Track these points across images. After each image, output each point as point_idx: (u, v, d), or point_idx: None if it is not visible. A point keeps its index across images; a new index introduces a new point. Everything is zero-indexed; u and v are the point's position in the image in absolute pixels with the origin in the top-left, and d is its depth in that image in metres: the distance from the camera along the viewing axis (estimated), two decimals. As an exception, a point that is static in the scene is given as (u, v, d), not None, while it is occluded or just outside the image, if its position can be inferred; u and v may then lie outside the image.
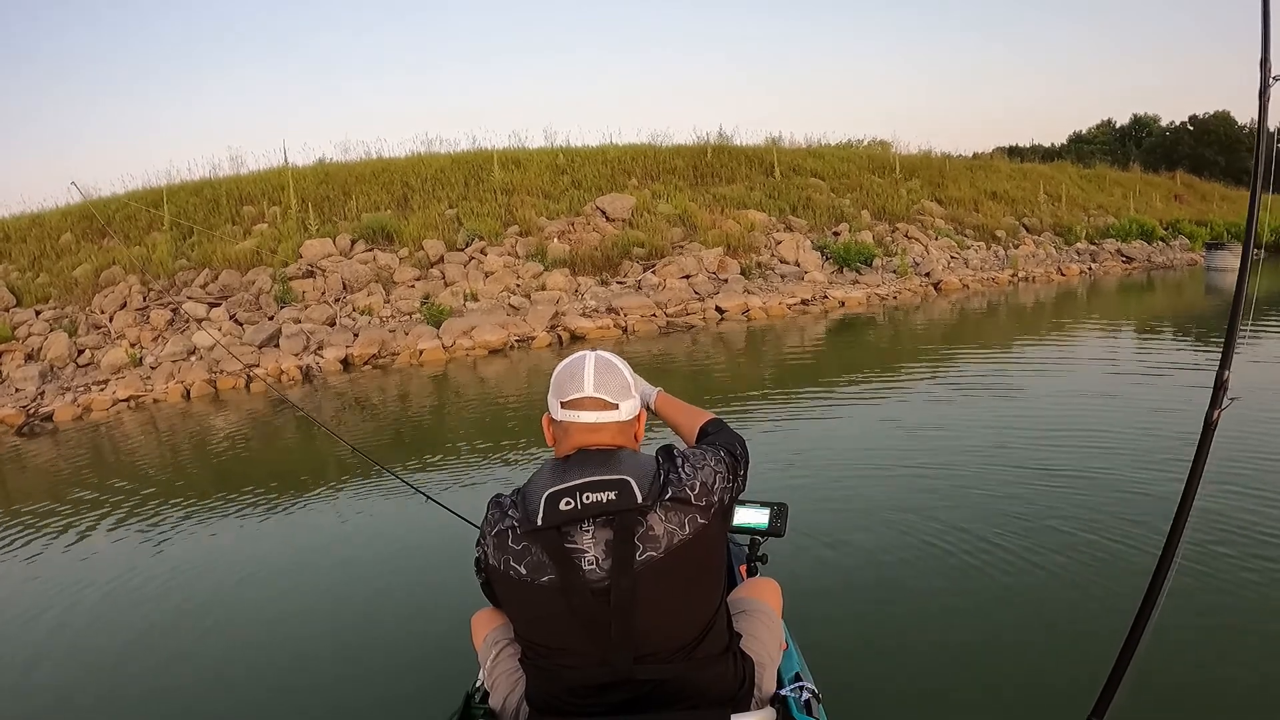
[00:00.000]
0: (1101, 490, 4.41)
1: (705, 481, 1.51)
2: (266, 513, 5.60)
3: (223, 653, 3.57)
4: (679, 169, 20.61)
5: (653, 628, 1.44)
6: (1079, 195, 28.05)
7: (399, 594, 3.98)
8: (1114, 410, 6.42)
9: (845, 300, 15.39)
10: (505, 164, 19.41)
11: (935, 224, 21.22)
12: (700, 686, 1.48)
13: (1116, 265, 22.70)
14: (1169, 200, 31.97)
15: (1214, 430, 1.53)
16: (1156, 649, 1.54)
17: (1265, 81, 1.49)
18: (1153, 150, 46.19)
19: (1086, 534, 3.82)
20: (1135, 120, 53.48)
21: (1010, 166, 29.69)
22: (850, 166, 23.20)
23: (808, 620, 2.73)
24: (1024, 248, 21.77)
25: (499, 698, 1.70)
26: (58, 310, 14.41)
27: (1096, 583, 3.31)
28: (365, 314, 13.34)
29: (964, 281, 17.98)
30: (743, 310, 14.26)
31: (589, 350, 1.65)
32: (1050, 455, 5.16)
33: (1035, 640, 2.95)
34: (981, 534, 3.91)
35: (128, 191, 19.11)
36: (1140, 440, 5.39)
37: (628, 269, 15.51)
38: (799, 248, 17.51)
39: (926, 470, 5.03)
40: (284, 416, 9.60)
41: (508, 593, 1.54)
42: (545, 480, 1.50)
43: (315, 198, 17.15)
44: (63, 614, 4.14)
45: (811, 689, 1.74)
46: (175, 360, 12.16)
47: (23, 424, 10.77)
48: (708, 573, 1.53)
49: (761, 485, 2.52)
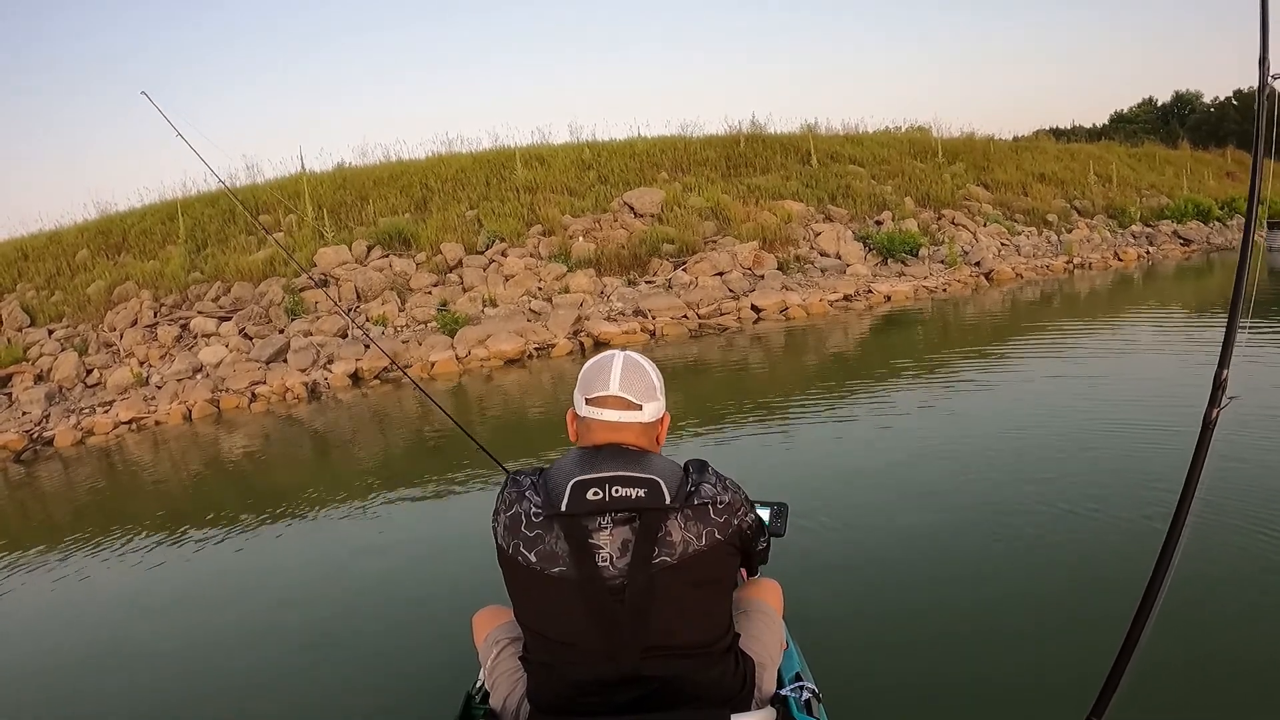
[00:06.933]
0: (1101, 489, 4.31)
1: (730, 502, 1.51)
2: (268, 524, 5.63)
3: (222, 654, 3.63)
4: (711, 160, 19.65)
5: (661, 628, 1.44)
6: (1130, 175, 26.52)
7: (399, 595, 4.00)
8: (1124, 406, 6.10)
9: (891, 294, 14.32)
10: (528, 161, 18.66)
11: (983, 209, 20.03)
12: (702, 686, 1.48)
13: (1175, 248, 21.28)
14: (1221, 178, 30.29)
15: (1213, 429, 1.53)
16: (1156, 648, 1.53)
17: (1264, 79, 1.50)
18: (1198, 127, 44.13)
19: (1085, 532, 3.80)
20: (1177, 97, 51.31)
21: (1057, 147, 28.19)
22: (890, 152, 22.03)
23: (808, 620, 2.70)
24: (1078, 232, 20.48)
25: (499, 698, 1.69)
26: (70, 329, 14.04)
27: (1096, 581, 3.27)
28: (379, 323, 12.66)
29: (1017, 270, 16.78)
30: (781, 309, 13.27)
31: (618, 350, 1.66)
32: (1051, 454, 5.04)
33: (1035, 640, 2.94)
34: (982, 534, 3.92)
35: (144, 205, 18.77)
36: (1150, 436, 5.16)
37: (657, 267, 14.64)
38: (839, 239, 16.50)
39: (927, 471, 5.00)
40: (283, 434, 9.34)
41: (514, 578, 1.52)
42: (572, 468, 1.49)
43: (332, 204, 16.61)
44: (67, 639, 4.17)
45: (811, 689, 1.75)
46: (180, 379, 11.62)
47: (23, 449, 10.29)
48: (716, 583, 1.52)
49: (763, 485, 2.49)
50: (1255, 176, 1.60)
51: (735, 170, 19.42)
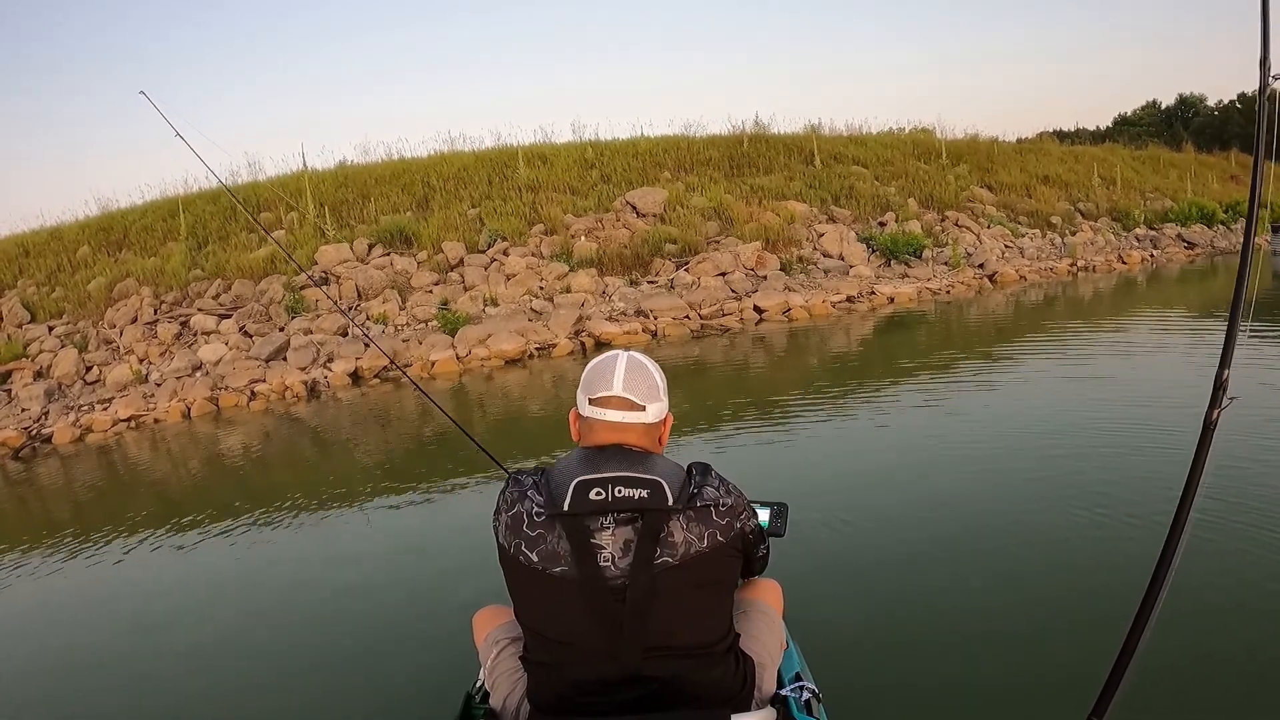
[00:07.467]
0: (1102, 489, 4.27)
1: (733, 505, 1.51)
2: (267, 522, 5.59)
3: (221, 653, 3.61)
4: (714, 160, 19.57)
5: (662, 628, 1.43)
6: (1133, 178, 26.36)
7: (399, 595, 3.98)
8: (1125, 407, 6.06)
9: (894, 296, 14.24)
10: (531, 160, 18.59)
11: (987, 211, 19.94)
12: (702, 686, 1.48)
13: (1179, 251, 21.12)
14: (1225, 181, 30.13)
15: (1214, 430, 1.53)
16: (1157, 649, 1.52)
17: (1265, 81, 1.50)
18: (1202, 130, 44.03)
19: (1086, 533, 3.77)
20: (1181, 100, 51.14)
21: (1061, 149, 28.10)
22: (894, 153, 21.94)
23: (808, 620, 2.70)
24: (1081, 234, 20.38)
25: (499, 697, 1.68)
26: (70, 326, 14.00)
27: (1096, 582, 3.24)
28: (380, 322, 12.60)
29: (1020, 273, 16.69)
30: (783, 309, 13.18)
31: (622, 350, 1.65)
32: (1051, 455, 5.01)
33: (1035, 639, 2.92)
34: (982, 534, 3.90)
35: (145, 202, 18.71)
36: (1150, 437, 5.14)
37: (659, 267, 14.57)
38: (843, 239, 16.42)
39: (927, 471, 4.98)
40: (282, 432, 9.28)
41: (515, 577, 1.52)
42: (575, 468, 1.49)
43: (333, 201, 16.55)
44: (76, 639, 4.11)
45: (811, 689, 1.74)
46: (179, 376, 11.57)
47: (21, 446, 10.24)
48: (718, 584, 1.52)
49: (764, 486, 2.48)
50: (1256, 178, 1.61)
51: (738, 170, 19.33)
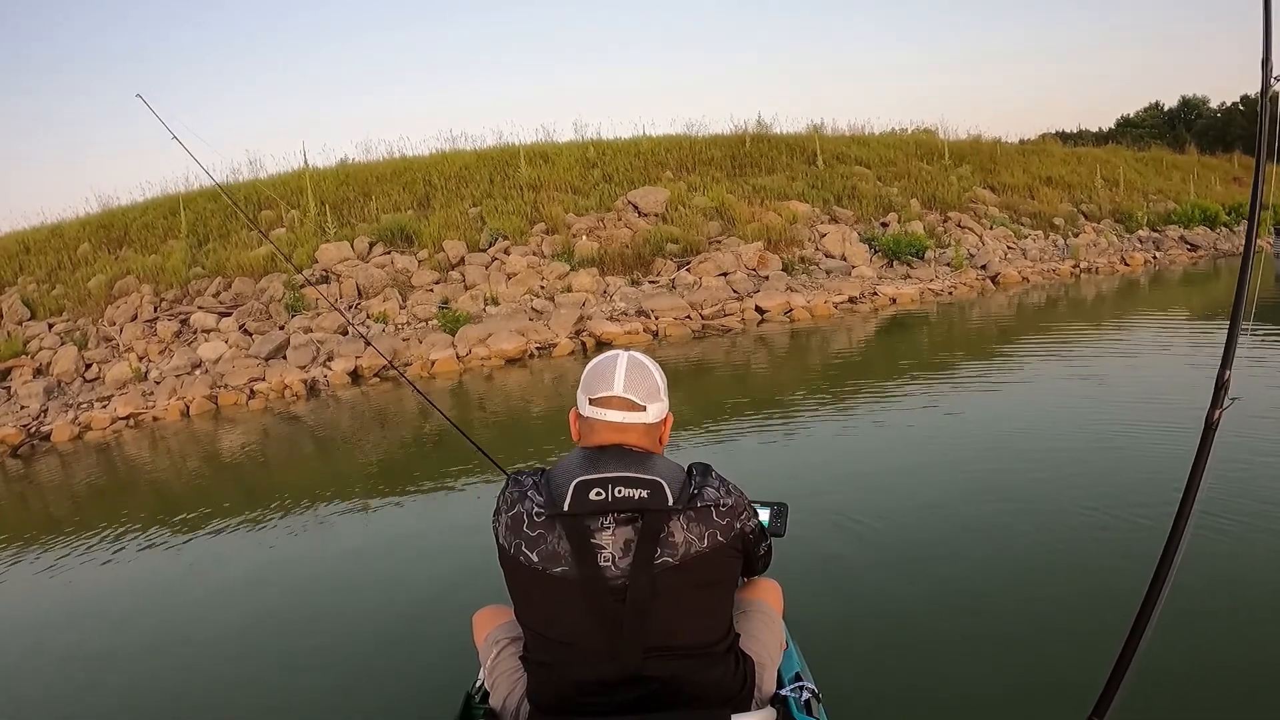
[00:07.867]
0: (1103, 489, 4.25)
1: (734, 506, 1.51)
2: (266, 521, 5.55)
3: (220, 652, 3.59)
4: (716, 159, 19.54)
5: (662, 628, 1.43)
6: (1137, 179, 26.31)
7: (399, 595, 3.95)
8: (1126, 407, 6.04)
9: (896, 297, 14.20)
10: (532, 159, 18.56)
11: (989, 212, 19.90)
12: (702, 687, 1.47)
13: (1181, 253, 21.04)
14: (1228, 183, 30.02)
15: (1215, 431, 1.53)
16: (1158, 649, 1.51)
17: (1267, 82, 1.50)
18: (1205, 132, 43.96)
19: (1087, 533, 3.76)
20: (1184, 102, 51.00)
21: (1063, 151, 28.07)
22: (897, 154, 21.91)
23: (808, 620, 2.70)
24: (1084, 236, 20.34)
25: (499, 697, 1.68)
26: (70, 323, 13.97)
27: (1097, 582, 3.22)
28: (380, 320, 12.56)
29: (1023, 274, 16.63)
30: (785, 310, 13.14)
31: (622, 350, 1.65)
32: (1052, 455, 5.00)
33: (1035, 639, 2.91)
34: (983, 534, 3.88)
35: (146, 200, 18.68)
36: (1151, 438, 5.11)
37: (660, 267, 14.53)
38: (845, 240, 16.37)
39: (927, 472, 4.96)
40: (281, 431, 9.23)
41: (516, 578, 1.51)
42: (575, 468, 1.48)
43: (335, 200, 16.52)
44: (81, 632, 4.10)
45: (811, 689, 1.74)
46: (179, 374, 11.53)
47: (20, 443, 10.19)
48: (718, 585, 1.52)
49: (764, 486, 2.46)
50: (1258, 179, 1.60)
51: (740, 170, 19.29)
